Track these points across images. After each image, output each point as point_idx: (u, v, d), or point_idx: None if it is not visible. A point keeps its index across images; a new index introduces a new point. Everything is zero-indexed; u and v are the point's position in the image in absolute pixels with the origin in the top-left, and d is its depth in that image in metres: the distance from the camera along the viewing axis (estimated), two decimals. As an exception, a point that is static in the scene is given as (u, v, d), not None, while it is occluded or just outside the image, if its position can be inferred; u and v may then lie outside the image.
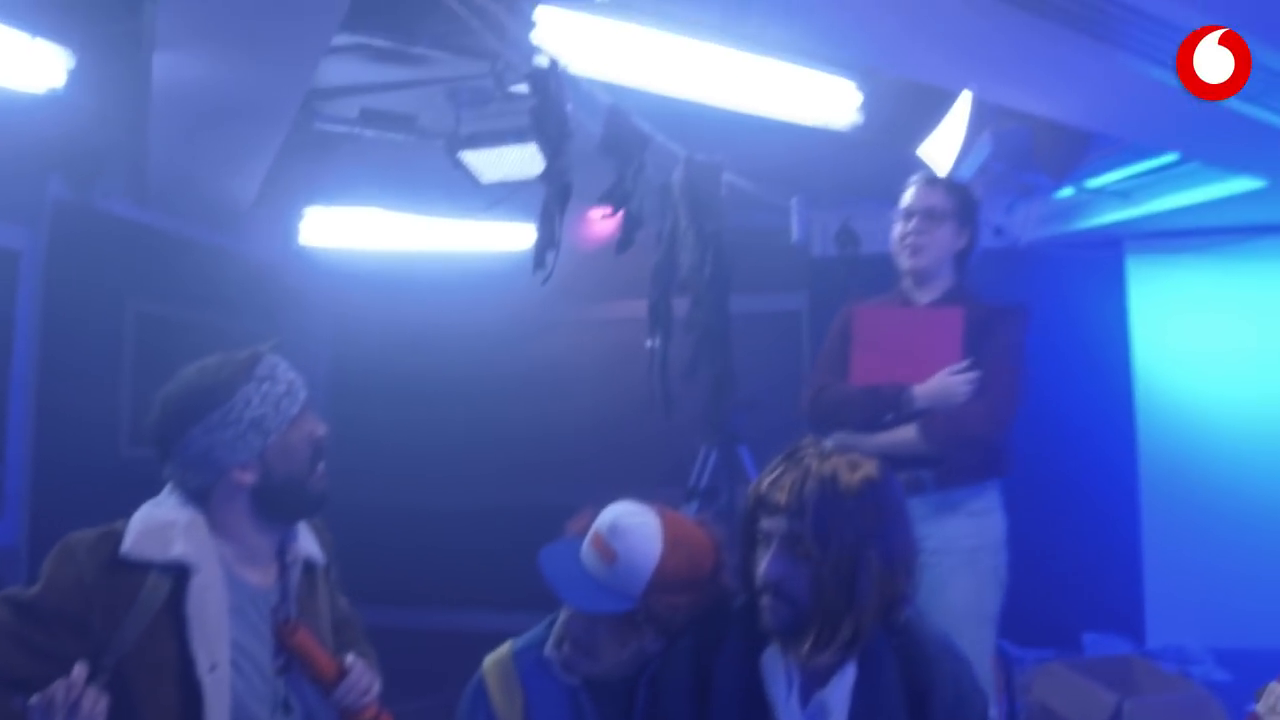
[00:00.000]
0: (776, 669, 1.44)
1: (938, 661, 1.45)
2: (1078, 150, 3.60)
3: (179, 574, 1.46)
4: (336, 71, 3.09)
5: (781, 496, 1.39)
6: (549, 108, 1.68)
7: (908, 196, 2.41)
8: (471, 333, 5.14)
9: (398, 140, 3.39)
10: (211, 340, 1.82)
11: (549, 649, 1.64)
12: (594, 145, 1.96)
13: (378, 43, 2.53)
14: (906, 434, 2.26)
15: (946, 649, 1.49)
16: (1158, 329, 4.57)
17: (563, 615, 1.63)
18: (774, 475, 1.43)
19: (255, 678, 1.51)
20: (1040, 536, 4.44)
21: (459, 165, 3.12)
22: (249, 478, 1.53)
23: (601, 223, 5.00)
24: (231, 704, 1.45)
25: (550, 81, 1.72)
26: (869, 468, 1.41)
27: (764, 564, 1.41)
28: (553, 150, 1.70)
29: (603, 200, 1.89)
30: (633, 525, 1.56)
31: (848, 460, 1.41)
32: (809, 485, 1.37)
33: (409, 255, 4.52)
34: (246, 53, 2.42)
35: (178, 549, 1.46)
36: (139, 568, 1.44)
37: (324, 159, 3.98)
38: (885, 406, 2.27)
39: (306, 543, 1.65)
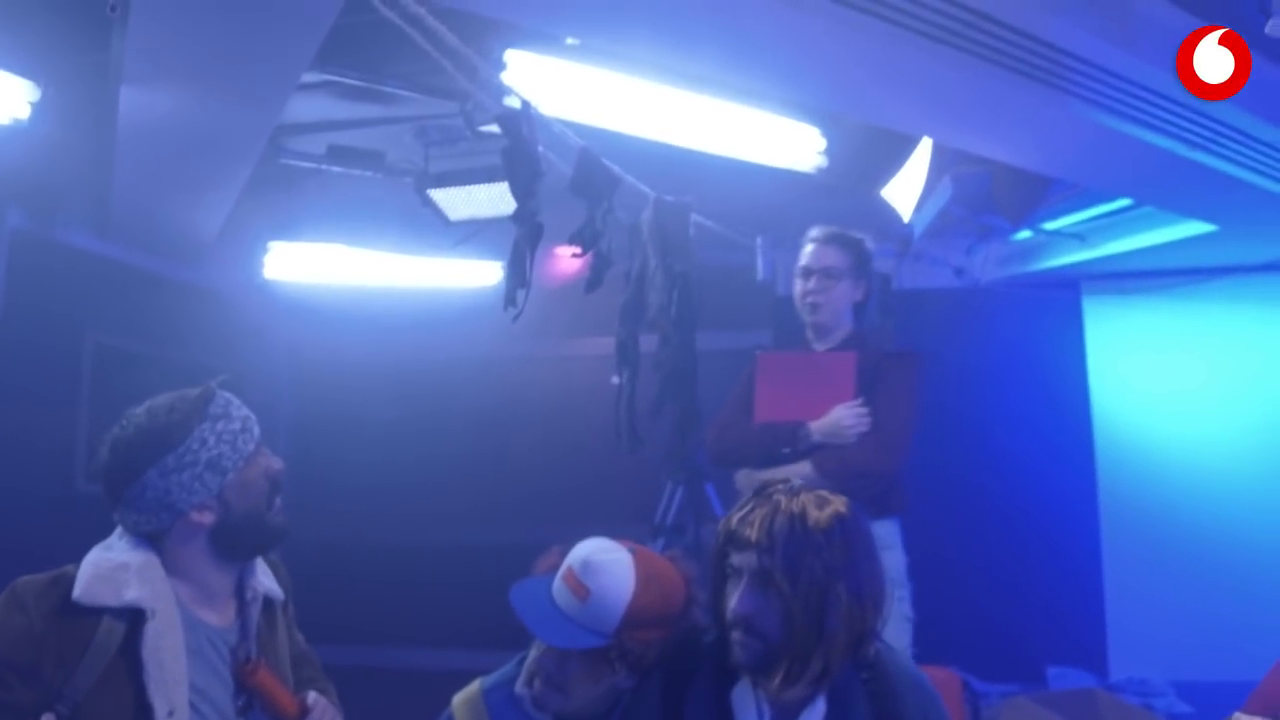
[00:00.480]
0: (747, 704, 1.44)
1: (906, 695, 1.47)
2: (1035, 194, 3.70)
3: (134, 618, 1.42)
4: (304, 108, 3.10)
5: (751, 532, 1.40)
6: (520, 149, 1.70)
7: (805, 255, 2.54)
8: (436, 369, 5.12)
9: (365, 177, 3.39)
10: (172, 374, 1.78)
11: (519, 686, 1.62)
12: (564, 184, 1.98)
13: (347, 80, 2.54)
14: (802, 469, 2.36)
15: (915, 682, 1.50)
16: (1114, 368, 4.66)
17: (534, 652, 1.61)
18: (743, 511, 1.44)
19: (216, 718, 1.48)
20: (1003, 572, 4.51)
21: (427, 203, 3.12)
22: (207, 518, 1.50)
23: (569, 260, 5.06)
24: None
25: (522, 123, 1.74)
26: (838, 504, 1.43)
27: (734, 599, 1.41)
28: (524, 191, 1.71)
29: (572, 240, 1.91)
30: (605, 562, 1.56)
31: (817, 497, 1.43)
32: (778, 521, 1.39)
33: (374, 291, 4.50)
34: (214, 88, 2.42)
35: (132, 593, 1.42)
36: (91, 613, 1.40)
37: (290, 193, 3.98)
38: (782, 441, 2.41)
39: (265, 579, 1.63)
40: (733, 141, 2.87)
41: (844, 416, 2.39)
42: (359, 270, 4.30)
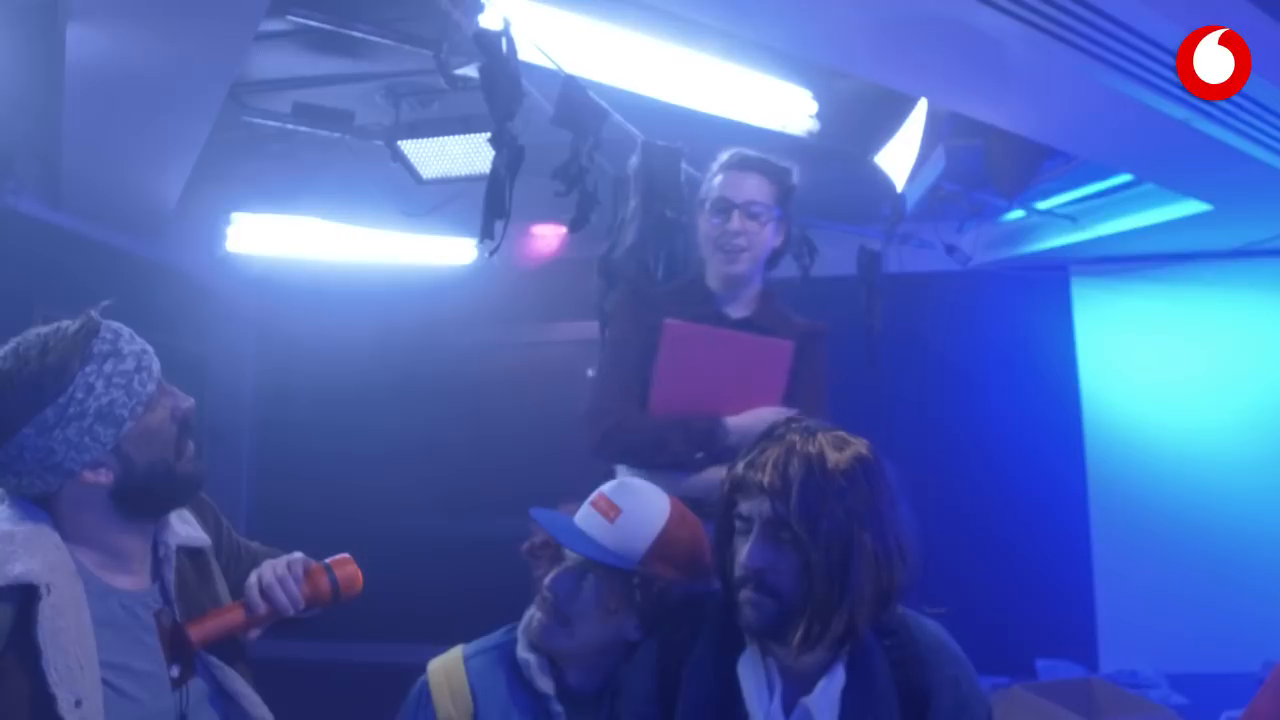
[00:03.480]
0: (755, 674, 1.29)
1: (935, 664, 1.32)
2: (1031, 167, 3.58)
3: (24, 596, 1.20)
4: (268, 62, 2.92)
5: (763, 476, 1.25)
6: (499, 67, 1.55)
7: (720, 184, 1.99)
8: (408, 350, 4.93)
9: (331, 139, 3.21)
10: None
11: (521, 650, 1.50)
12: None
13: (314, 22, 2.37)
14: (715, 476, 1.79)
15: (943, 649, 1.36)
16: (1104, 354, 4.59)
17: (546, 581, 1.50)
18: (752, 455, 1.29)
19: (144, 696, 1.28)
20: (991, 562, 4.41)
21: (397, 157, 2.95)
22: (104, 477, 1.29)
23: (543, 240, 4.90)
24: None
25: (501, 40, 1.59)
26: (859, 445, 1.29)
27: (744, 552, 1.26)
28: (503, 112, 1.56)
29: (556, 176, 1.76)
30: (640, 486, 1.51)
31: (835, 437, 1.29)
32: (793, 464, 1.24)
33: (344, 267, 4.31)
34: (167, 25, 2.24)
35: (18, 567, 1.20)
36: None
37: (253, 162, 3.79)
38: (697, 445, 1.93)
39: (181, 526, 1.43)
40: (722, 99, 2.73)
41: (773, 420, 1.83)
42: (327, 244, 4.11)
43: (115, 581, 1.32)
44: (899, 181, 3.18)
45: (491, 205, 1.58)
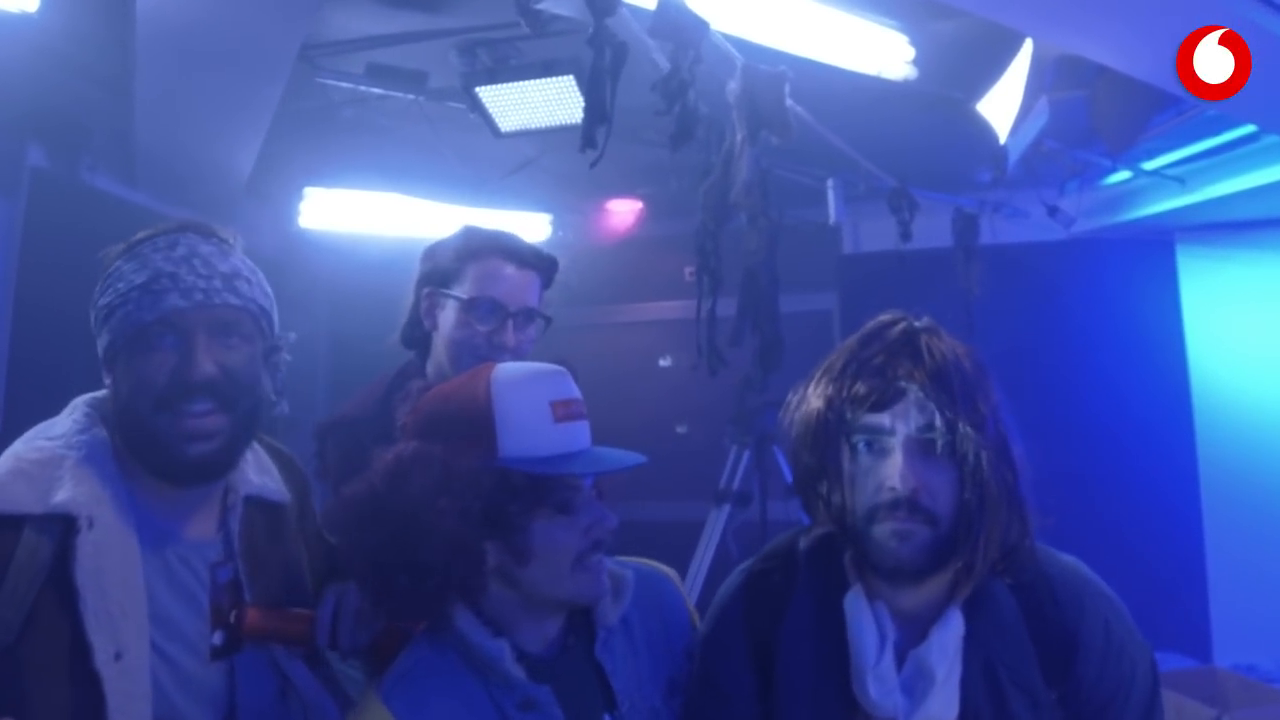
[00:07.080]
0: (865, 622, 1.07)
1: (1077, 605, 1.11)
2: (1138, 123, 3.34)
3: (65, 529, 1.07)
4: (339, 21, 2.84)
5: (910, 380, 1.05)
6: (599, -37, 1.42)
7: (482, 279, 1.75)
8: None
9: (404, 103, 3.11)
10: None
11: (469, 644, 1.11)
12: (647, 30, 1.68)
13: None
14: None
15: (1085, 585, 1.14)
16: (1212, 325, 4.32)
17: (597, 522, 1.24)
18: (862, 363, 1.08)
19: (191, 663, 1.14)
20: (1097, 550, 4.12)
21: (475, 107, 2.83)
22: (107, 383, 1.20)
23: (619, 217, 4.77)
24: (154, 702, 1.07)
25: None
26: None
27: (887, 473, 1.05)
28: (604, 8, 1.43)
29: (655, 89, 1.62)
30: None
31: (939, 329, 1.12)
32: (938, 360, 1.05)
33: (414, 242, 4.21)
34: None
35: (62, 494, 1.08)
36: (8, 524, 1.06)
37: (324, 136, 3.73)
38: None
39: (255, 477, 1.27)
40: (814, 42, 2.57)
41: None
42: (399, 219, 4.03)
43: (174, 525, 1.18)
44: (1003, 132, 2.97)
45: (593, 109, 1.44)
